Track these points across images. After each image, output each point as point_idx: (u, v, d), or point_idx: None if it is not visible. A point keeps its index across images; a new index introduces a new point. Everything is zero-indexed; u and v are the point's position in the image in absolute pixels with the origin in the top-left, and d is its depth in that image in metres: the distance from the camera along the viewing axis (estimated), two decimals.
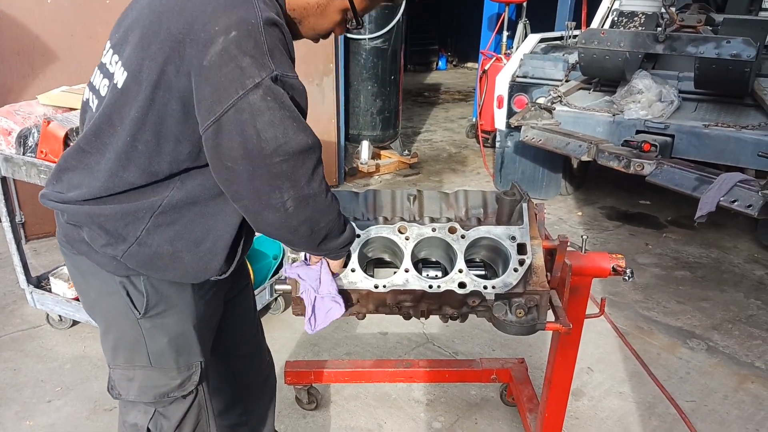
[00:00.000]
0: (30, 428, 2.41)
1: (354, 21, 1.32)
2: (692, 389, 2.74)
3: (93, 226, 1.27)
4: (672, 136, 3.76)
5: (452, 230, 1.60)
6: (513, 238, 1.59)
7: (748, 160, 3.53)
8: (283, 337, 3.06)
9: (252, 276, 3.08)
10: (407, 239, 1.59)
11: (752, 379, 2.81)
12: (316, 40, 1.38)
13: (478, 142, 6.57)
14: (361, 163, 5.70)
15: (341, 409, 2.57)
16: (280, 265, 3.27)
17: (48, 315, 3.07)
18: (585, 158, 3.82)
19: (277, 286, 1.66)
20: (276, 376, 1.92)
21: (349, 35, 5.33)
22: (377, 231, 1.60)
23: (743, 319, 3.33)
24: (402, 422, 2.50)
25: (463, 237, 1.59)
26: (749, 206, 2.96)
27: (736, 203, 3.02)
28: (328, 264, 1.51)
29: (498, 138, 5.07)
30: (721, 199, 3.05)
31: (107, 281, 1.33)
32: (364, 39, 5.38)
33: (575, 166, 5.20)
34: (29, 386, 2.65)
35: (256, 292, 3.03)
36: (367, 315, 1.74)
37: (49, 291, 2.98)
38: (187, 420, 1.47)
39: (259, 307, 3.07)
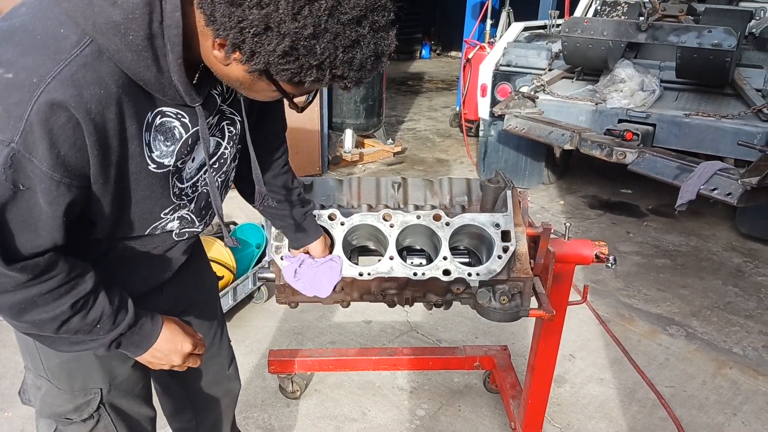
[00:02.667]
0: (8, 419, 2.38)
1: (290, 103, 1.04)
2: (671, 375, 2.78)
3: None
4: (653, 126, 3.80)
5: (437, 217, 1.59)
6: (497, 225, 1.59)
7: (728, 149, 3.57)
8: (266, 326, 3.04)
9: (235, 266, 3.06)
10: (392, 227, 1.58)
11: (730, 365, 2.86)
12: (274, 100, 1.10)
13: (462, 132, 6.57)
14: (345, 152, 5.67)
15: (325, 398, 2.57)
16: (263, 255, 3.25)
17: None
18: (568, 147, 3.84)
19: (260, 274, 1.64)
20: (239, 386, 1.76)
21: None
22: (361, 218, 1.59)
23: (721, 306, 3.38)
24: (386, 410, 2.51)
25: (447, 224, 1.59)
26: (729, 194, 3.00)
27: (716, 191, 3.06)
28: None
29: (481, 127, 5.08)
30: (702, 187, 3.09)
31: None
32: None
33: (558, 155, 5.23)
34: (8, 377, 2.61)
35: (239, 281, 3.01)
36: (351, 303, 1.74)
37: None
38: None
39: (242, 296, 3.06)
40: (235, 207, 4.10)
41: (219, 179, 1.23)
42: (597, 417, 2.51)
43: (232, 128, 1.19)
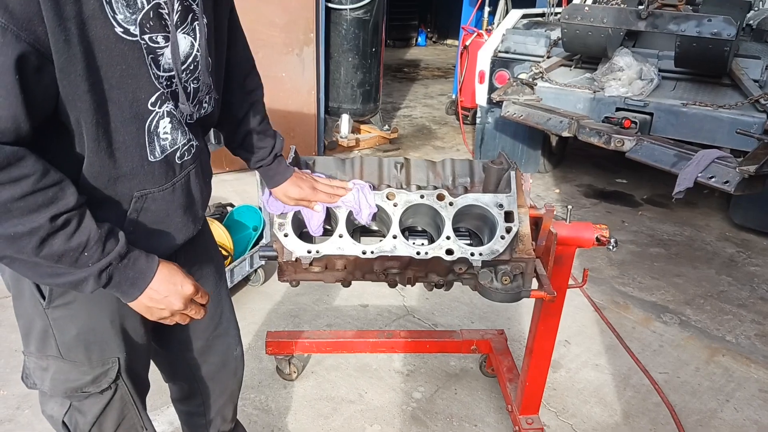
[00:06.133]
0: (3, 398, 2.36)
1: None
2: (665, 361, 2.80)
3: None
4: (651, 114, 3.80)
5: (440, 197, 1.59)
6: (500, 205, 1.59)
7: (724, 138, 3.59)
8: (263, 309, 3.04)
9: (232, 248, 3.05)
10: (395, 206, 1.58)
11: (723, 352, 2.88)
12: None
13: (458, 119, 6.56)
14: (341, 137, 5.65)
15: (322, 380, 2.57)
16: (260, 237, 3.24)
17: None
18: (566, 134, 3.84)
19: (262, 253, 1.63)
20: (243, 369, 1.74)
21: (329, 4, 5.24)
22: None
23: (714, 295, 3.41)
24: (383, 392, 2.51)
25: (451, 204, 1.58)
26: (726, 182, 3.01)
27: (713, 179, 3.07)
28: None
29: (478, 114, 5.07)
30: (699, 175, 3.10)
31: None
32: (346, 9, 5.30)
33: (554, 143, 5.24)
34: (3, 356, 2.59)
35: (236, 263, 3.00)
36: (351, 283, 1.73)
37: None
38: (107, 417, 1.32)
39: (238, 278, 3.05)
40: (230, 191, 4.10)
41: (192, 85, 1.15)
42: (592, 401, 2.53)
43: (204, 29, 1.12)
